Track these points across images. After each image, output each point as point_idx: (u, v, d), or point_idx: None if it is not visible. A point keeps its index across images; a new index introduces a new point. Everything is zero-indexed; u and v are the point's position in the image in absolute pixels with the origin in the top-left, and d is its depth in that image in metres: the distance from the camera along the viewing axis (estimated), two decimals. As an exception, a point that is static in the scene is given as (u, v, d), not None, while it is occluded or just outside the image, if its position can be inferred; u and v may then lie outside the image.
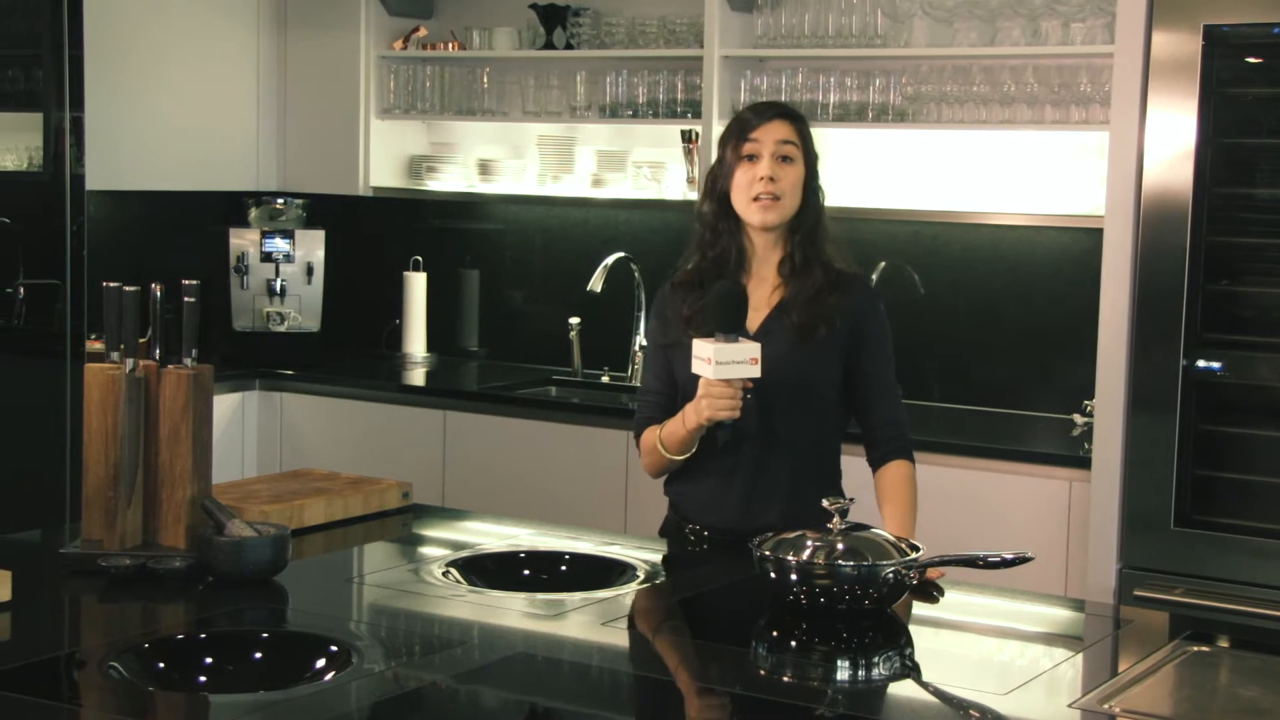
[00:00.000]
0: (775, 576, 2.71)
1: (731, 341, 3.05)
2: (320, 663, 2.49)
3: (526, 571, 3.10)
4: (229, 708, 2.36)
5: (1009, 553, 2.78)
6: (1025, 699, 2.41)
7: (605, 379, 5.42)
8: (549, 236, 5.70)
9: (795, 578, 2.68)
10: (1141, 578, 3.91)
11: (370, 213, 5.88)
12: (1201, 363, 3.88)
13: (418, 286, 5.70)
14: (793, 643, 2.69)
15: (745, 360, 3.05)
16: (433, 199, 5.77)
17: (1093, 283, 4.08)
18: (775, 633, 2.71)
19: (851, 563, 2.67)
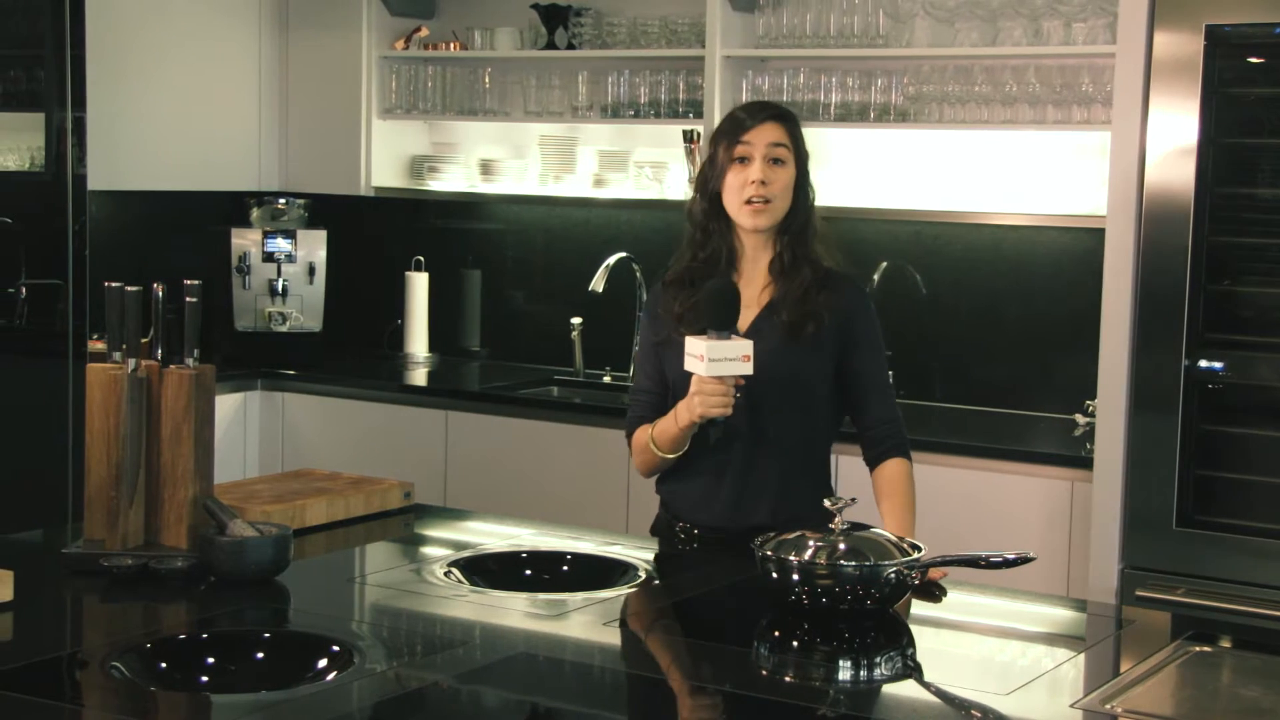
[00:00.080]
0: (777, 576, 2.71)
1: (724, 339, 3.06)
2: (322, 663, 2.49)
3: (528, 571, 3.10)
4: (231, 708, 2.36)
5: (1011, 553, 2.78)
6: (1027, 699, 2.41)
7: (607, 379, 5.42)
8: (551, 236, 5.70)
9: (797, 578, 2.68)
10: (1143, 578, 3.91)
11: (372, 213, 5.88)
12: (1203, 363, 3.87)
13: (419, 286, 5.70)
14: (794, 643, 2.69)
15: (738, 357, 3.05)
16: (434, 199, 5.77)
17: (1094, 283, 4.08)
18: (777, 633, 2.71)
19: (853, 563, 2.67)
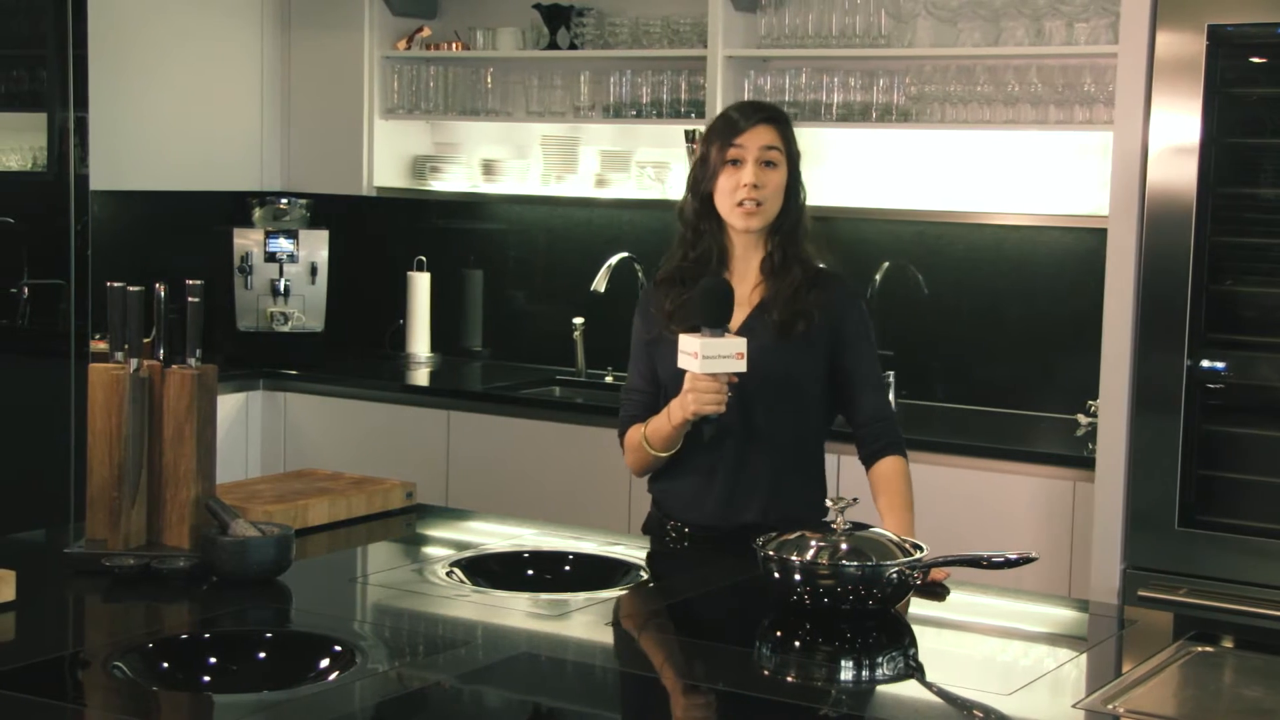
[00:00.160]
0: (779, 577, 2.71)
1: (718, 336, 3.06)
2: (324, 663, 2.49)
3: (530, 571, 3.10)
4: (233, 708, 2.36)
5: (1013, 553, 2.78)
6: (1029, 699, 2.41)
7: (609, 379, 5.42)
8: (552, 236, 5.70)
9: (799, 578, 2.68)
10: (1145, 578, 3.91)
11: (374, 213, 5.88)
12: (1205, 363, 3.87)
13: (421, 286, 5.70)
14: (796, 643, 2.69)
15: (731, 355, 3.06)
16: (436, 199, 5.77)
17: (1096, 283, 4.08)
18: (779, 633, 2.71)
19: (855, 563, 2.67)
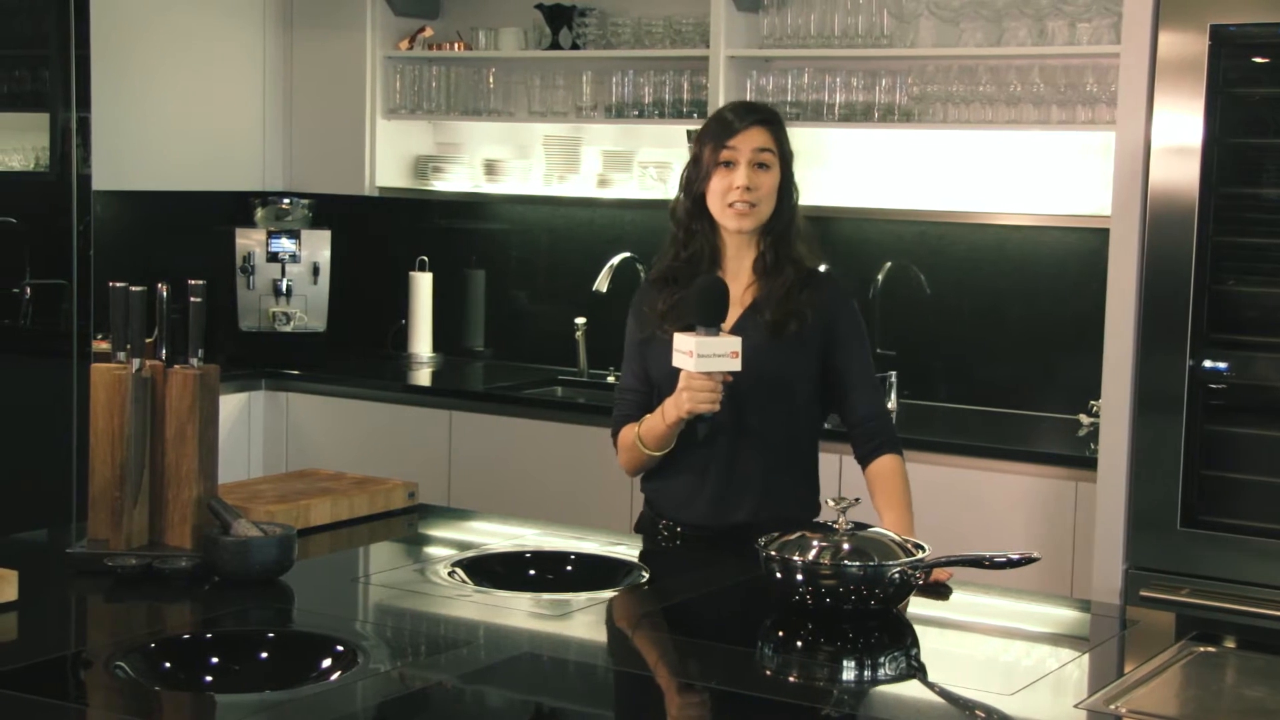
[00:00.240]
0: (781, 576, 2.71)
1: (713, 335, 3.07)
2: (326, 663, 2.49)
3: (532, 571, 3.09)
4: (235, 707, 2.37)
5: (1015, 553, 2.78)
6: (1031, 699, 2.41)
7: (611, 379, 5.41)
8: (555, 237, 5.70)
9: (801, 578, 2.68)
10: (1147, 578, 3.91)
11: (376, 213, 5.88)
12: (1208, 363, 3.87)
13: (423, 286, 5.70)
14: (799, 643, 2.69)
15: (726, 354, 3.07)
16: (438, 199, 5.77)
17: (1099, 283, 4.08)
18: (781, 633, 2.71)
19: (857, 563, 2.67)
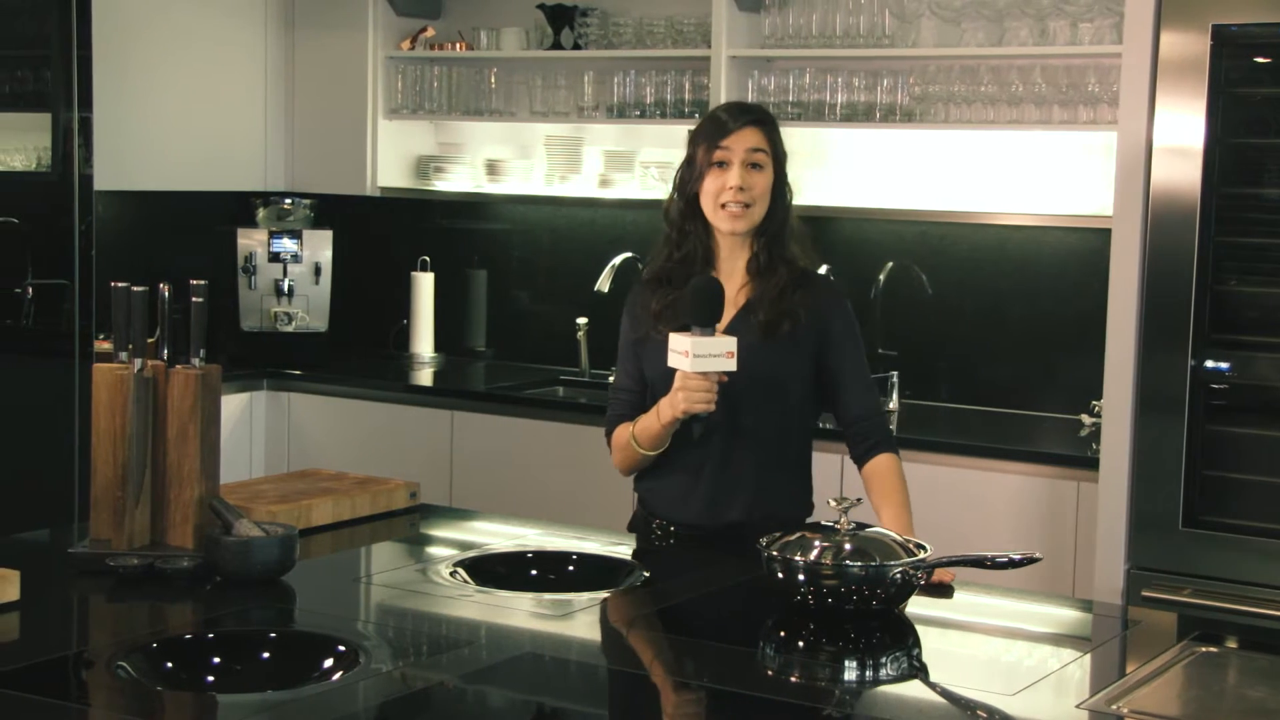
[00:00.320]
0: (783, 576, 2.71)
1: (708, 335, 3.07)
2: (328, 663, 2.49)
3: (534, 572, 3.10)
4: (237, 707, 2.37)
5: (1017, 553, 2.78)
6: (1033, 700, 2.41)
7: (612, 379, 5.41)
8: (556, 237, 5.70)
9: (803, 578, 2.68)
10: (1149, 578, 3.91)
11: (378, 213, 5.88)
12: (1209, 363, 3.87)
13: (425, 286, 5.70)
14: (800, 643, 2.69)
15: (721, 354, 3.07)
16: (440, 199, 5.77)
17: (1100, 283, 4.08)
18: (783, 633, 2.71)
19: (859, 563, 2.67)
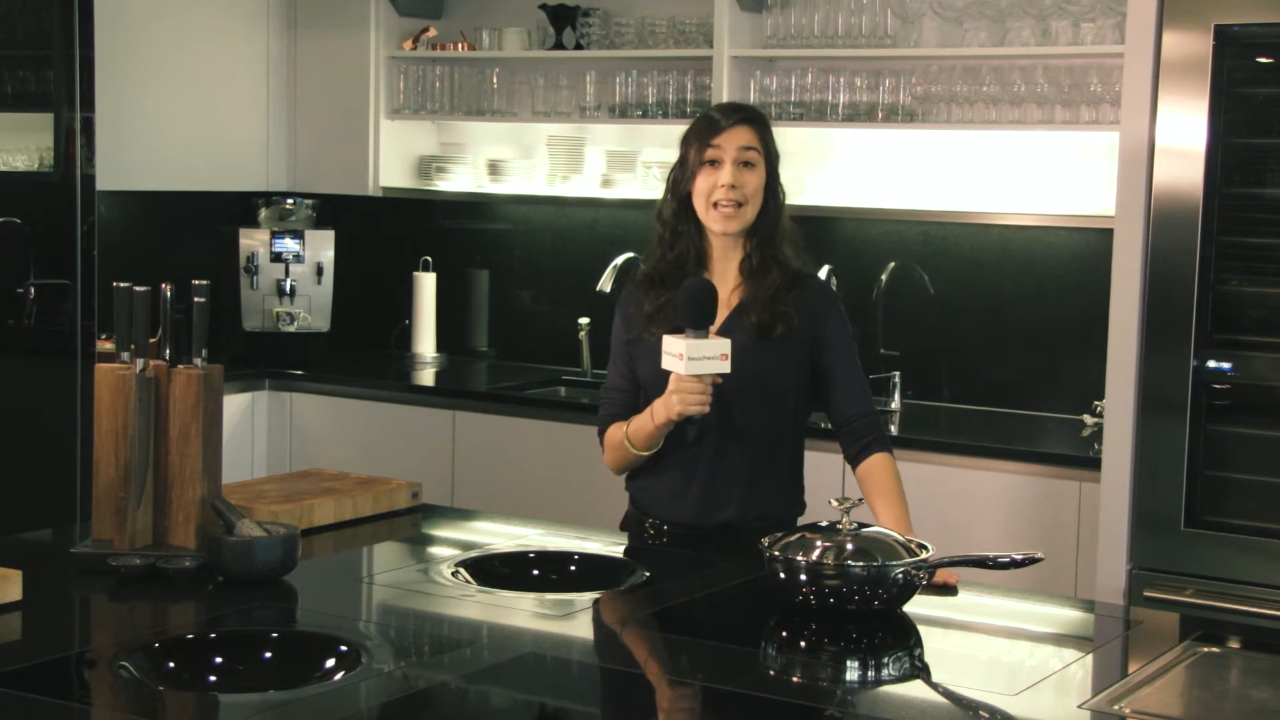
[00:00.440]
0: (785, 577, 2.71)
1: (702, 338, 3.08)
2: (330, 662, 2.49)
3: (535, 572, 3.10)
4: (238, 707, 2.37)
5: (1018, 553, 2.78)
6: (1035, 700, 2.41)
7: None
8: (558, 237, 5.70)
9: (805, 578, 2.68)
10: (1151, 578, 3.90)
11: (380, 213, 5.88)
12: (1212, 363, 3.87)
13: (427, 287, 5.71)
14: (802, 643, 2.69)
15: (716, 356, 3.08)
16: (442, 199, 5.77)
17: (1103, 283, 4.08)
18: (785, 633, 2.71)
19: (861, 563, 2.67)
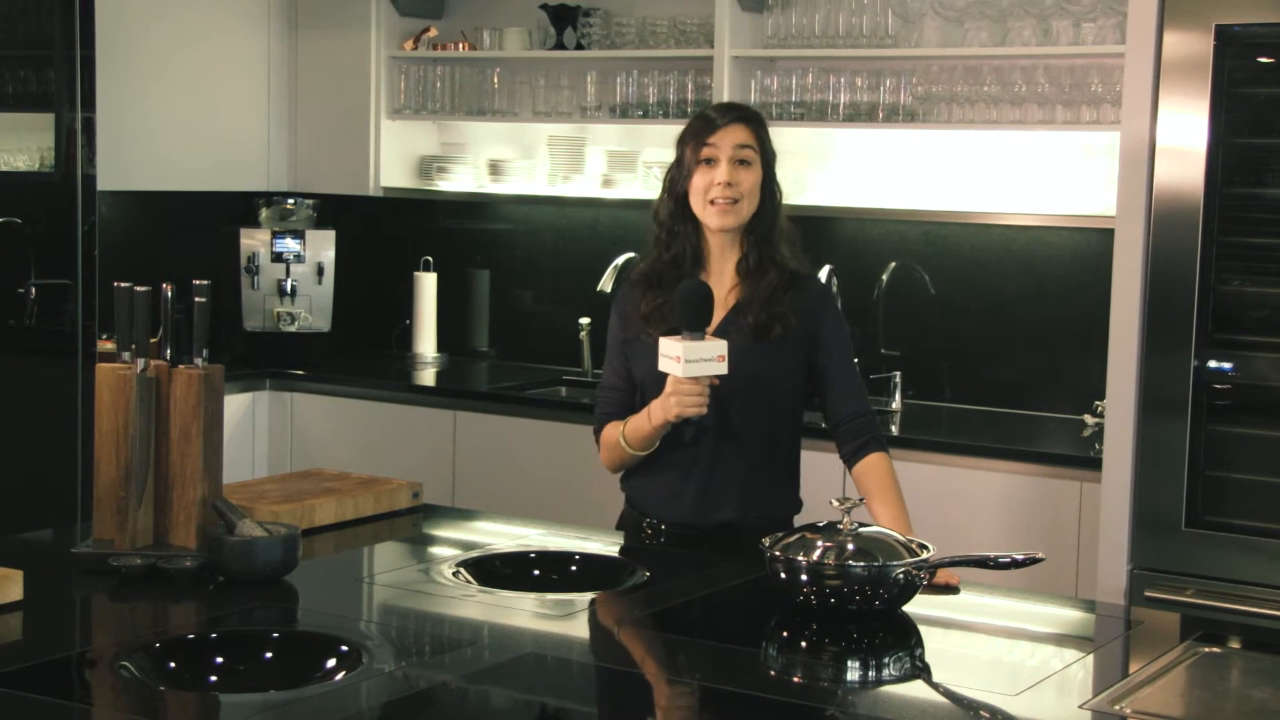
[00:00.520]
0: (786, 577, 2.71)
1: (698, 339, 3.08)
2: (331, 662, 2.49)
3: (536, 572, 3.10)
4: (239, 707, 2.37)
5: (1019, 553, 2.78)
6: (1036, 700, 2.41)
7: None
8: (559, 237, 5.70)
9: (806, 578, 2.68)
10: (1152, 578, 3.90)
11: (381, 213, 5.88)
12: (1212, 363, 3.87)
13: (428, 287, 5.71)
14: (803, 643, 2.69)
15: (713, 358, 3.09)
16: (443, 199, 5.77)
17: (1103, 283, 4.08)
18: (785, 633, 2.71)
19: (862, 563, 2.68)
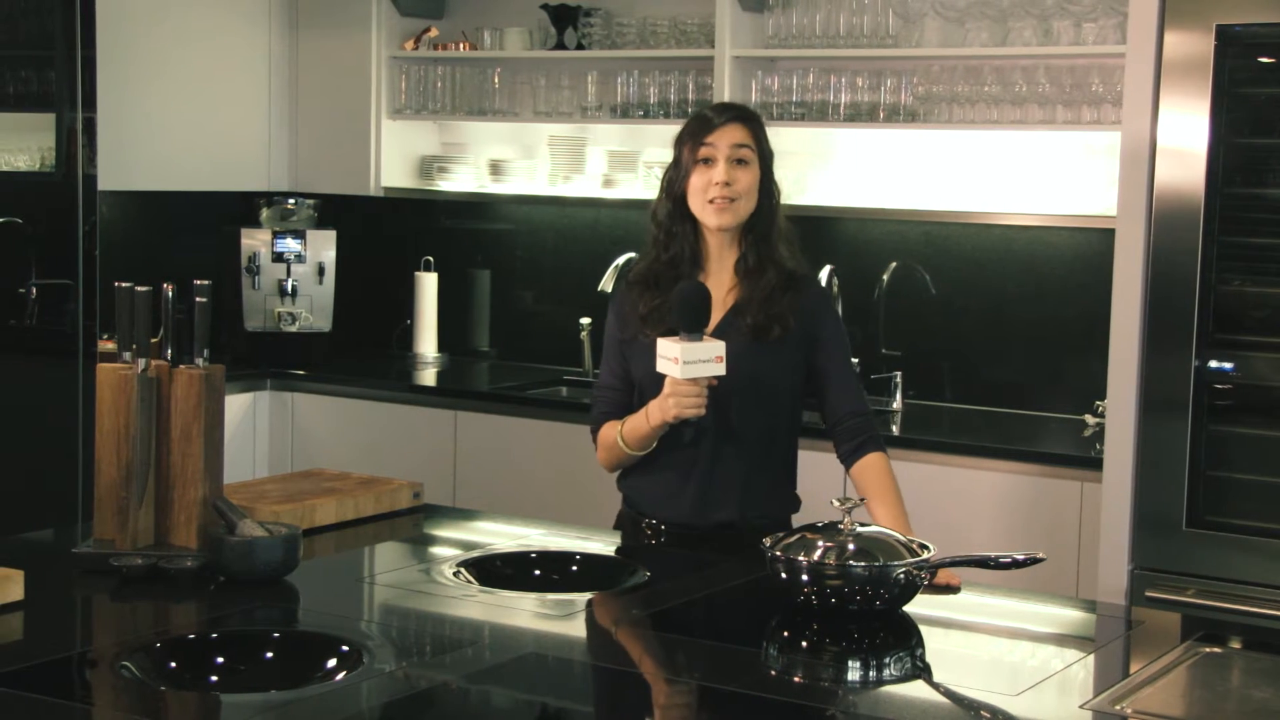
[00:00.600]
0: (786, 577, 2.71)
1: (696, 340, 3.08)
2: (331, 662, 2.49)
3: (537, 572, 3.10)
4: (240, 707, 2.37)
5: (1020, 553, 2.78)
6: (1036, 700, 2.41)
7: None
8: (560, 237, 5.70)
9: (806, 578, 2.68)
10: (1153, 579, 3.90)
11: (381, 213, 5.89)
12: (1213, 363, 3.87)
13: (429, 287, 5.71)
14: (804, 643, 2.69)
15: (711, 359, 3.09)
16: (444, 199, 5.77)
17: (1104, 283, 4.08)
18: (786, 633, 2.71)
19: (863, 563, 2.68)
